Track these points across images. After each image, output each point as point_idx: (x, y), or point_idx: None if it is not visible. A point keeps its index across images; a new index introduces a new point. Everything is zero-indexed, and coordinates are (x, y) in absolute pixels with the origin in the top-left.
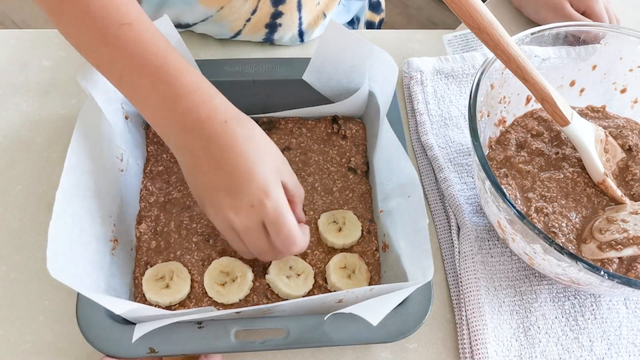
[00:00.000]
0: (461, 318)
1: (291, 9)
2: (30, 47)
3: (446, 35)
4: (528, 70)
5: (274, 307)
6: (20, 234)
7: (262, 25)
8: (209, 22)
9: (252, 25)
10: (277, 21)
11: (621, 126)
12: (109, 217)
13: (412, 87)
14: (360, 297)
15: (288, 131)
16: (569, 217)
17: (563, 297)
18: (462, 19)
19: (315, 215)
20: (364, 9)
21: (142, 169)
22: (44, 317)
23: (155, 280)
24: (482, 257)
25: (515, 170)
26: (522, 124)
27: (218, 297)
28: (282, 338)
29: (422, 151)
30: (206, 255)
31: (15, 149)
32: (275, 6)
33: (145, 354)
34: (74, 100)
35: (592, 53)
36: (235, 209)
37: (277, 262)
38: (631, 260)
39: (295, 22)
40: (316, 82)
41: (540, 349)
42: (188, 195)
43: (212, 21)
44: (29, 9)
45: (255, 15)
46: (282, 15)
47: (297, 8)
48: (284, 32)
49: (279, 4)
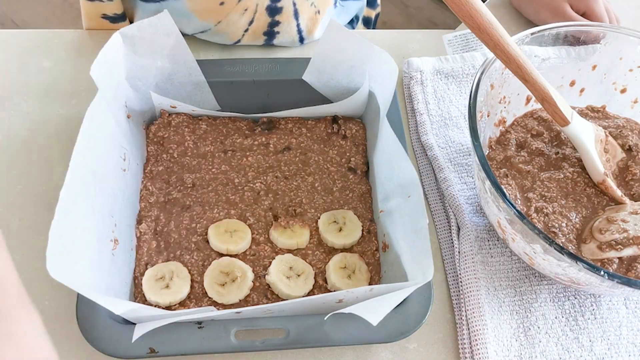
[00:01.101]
0: (461, 318)
1: (288, 17)
2: (30, 47)
3: (446, 35)
4: (528, 70)
5: (273, 307)
6: (20, 234)
7: (260, 34)
8: (208, 34)
9: (251, 34)
10: (275, 29)
11: (621, 126)
12: (110, 217)
13: (412, 87)
14: (360, 297)
15: (288, 131)
16: (569, 217)
17: (563, 297)
18: (462, 19)
19: (316, 214)
20: (363, 8)
21: (142, 168)
22: (44, 317)
23: (155, 280)
24: (482, 257)
25: (515, 170)
26: (522, 124)
27: (218, 297)
28: (282, 338)
29: (422, 151)
30: (206, 256)
31: (15, 149)
32: (272, 16)
33: (145, 354)
34: (74, 100)
35: (592, 53)
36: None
37: (277, 263)
38: (631, 260)
39: (294, 29)
40: (316, 82)
41: (540, 349)
42: (188, 195)
43: (211, 33)
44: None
45: (253, 26)
46: (280, 24)
47: (294, 16)
48: (283, 38)
49: (275, 14)
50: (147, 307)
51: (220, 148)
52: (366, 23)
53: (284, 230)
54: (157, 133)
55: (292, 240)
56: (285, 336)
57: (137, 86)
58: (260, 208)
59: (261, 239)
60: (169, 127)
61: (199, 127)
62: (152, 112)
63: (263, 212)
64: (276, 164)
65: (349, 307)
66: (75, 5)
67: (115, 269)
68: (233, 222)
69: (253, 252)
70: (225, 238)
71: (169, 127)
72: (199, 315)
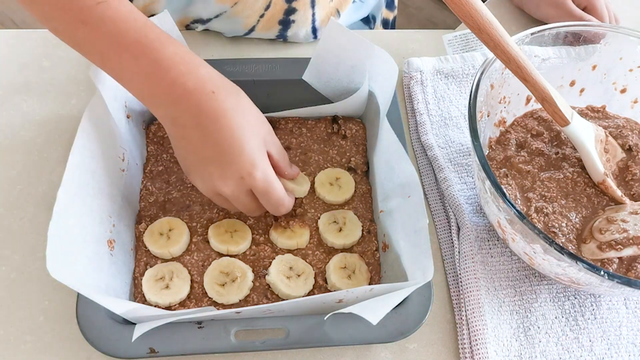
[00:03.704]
0: (461, 318)
1: (305, 5)
2: (30, 47)
3: (446, 35)
4: (528, 71)
5: (273, 307)
6: (20, 234)
7: (275, 22)
8: (223, 19)
9: (266, 21)
10: (290, 18)
11: (621, 126)
12: (108, 218)
13: (412, 87)
14: (360, 297)
15: (288, 131)
16: (568, 217)
17: (563, 297)
18: (462, 19)
19: (316, 214)
20: (380, 7)
21: (141, 168)
22: (44, 317)
23: (155, 280)
24: (482, 257)
25: (515, 170)
26: (522, 124)
27: (218, 298)
28: (282, 338)
29: (422, 151)
30: (206, 256)
31: (15, 149)
32: (289, 2)
33: (145, 354)
34: (73, 100)
35: (592, 53)
36: (225, 179)
37: (277, 263)
38: (631, 260)
39: (309, 19)
40: (316, 82)
41: (540, 349)
42: (188, 195)
43: (225, 17)
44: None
45: (269, 11)
46: (296, 12)
47: (311, 5)
48: (297, 29)
49: (292, 0)
50: (147, 307)
51: None
52: (384, 25)
53: (284, 231)
54: (157, 133)
55: (292, 240)
56: (285, 336)
57: None
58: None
59: (261, 239)
60: None
61: None
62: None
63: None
64: None
65: (349, 307)
66: None
67: (114, 269)
68: (233, 222)
69: (253, 253)
70: (225, 238)
71: None
72: (199, 315)
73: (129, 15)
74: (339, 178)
